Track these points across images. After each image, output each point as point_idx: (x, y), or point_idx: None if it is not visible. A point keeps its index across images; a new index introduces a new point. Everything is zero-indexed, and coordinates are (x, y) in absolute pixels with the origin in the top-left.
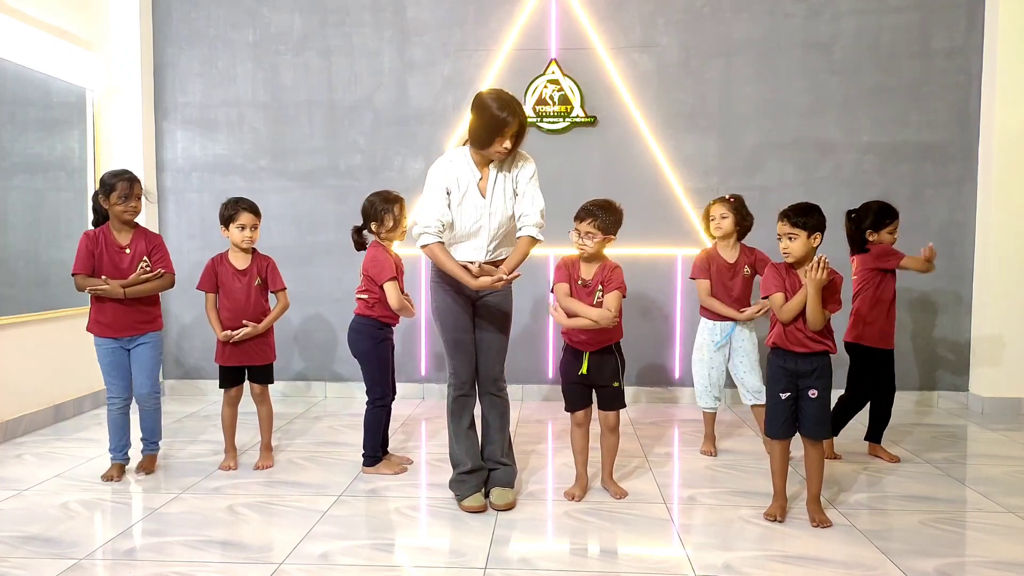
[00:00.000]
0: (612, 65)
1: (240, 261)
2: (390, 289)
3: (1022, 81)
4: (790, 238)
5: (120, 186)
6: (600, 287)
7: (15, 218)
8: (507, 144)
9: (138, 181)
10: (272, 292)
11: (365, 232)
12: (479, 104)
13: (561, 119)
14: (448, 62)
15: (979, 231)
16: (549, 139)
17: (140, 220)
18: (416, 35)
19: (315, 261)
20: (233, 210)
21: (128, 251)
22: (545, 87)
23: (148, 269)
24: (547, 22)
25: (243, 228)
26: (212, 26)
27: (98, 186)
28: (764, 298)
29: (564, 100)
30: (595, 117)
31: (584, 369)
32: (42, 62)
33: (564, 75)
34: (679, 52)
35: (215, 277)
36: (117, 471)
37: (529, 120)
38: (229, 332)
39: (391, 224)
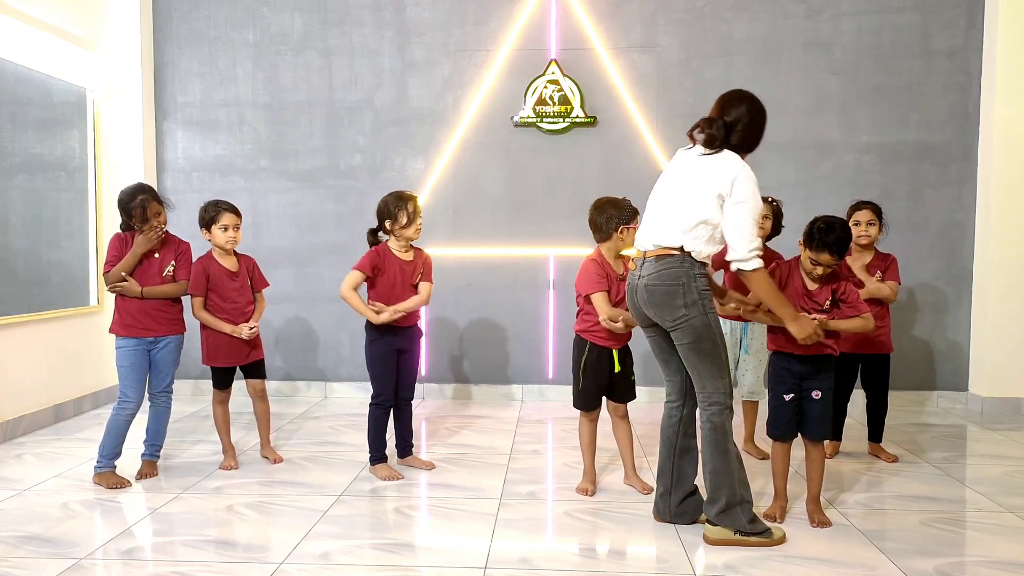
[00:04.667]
0: (612, 65)
1: (230, 263)
2: (347, 279)
3: (1022, 81)
4: (828, 267)
5: (136, 212)
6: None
7: (15, 218)
8: None
9: (152, 199)
10: (255, 292)
11: (380, 233)
12: (760, 106)
13: (561, 119)
14: (448, 62)
15: (979, 231)
16: (549, 139)
17: None
18: (416, 35)
19: (315, 261)
20: (214, 211)
21: (157, 255)
22: (545, 87)
23: (171, 274)
24: (547, 22)
25: (226, 229)
26: (212, 26)
27: (117, 206)
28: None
29: (564, 100)
30: (595, 117)
31: (618, 367)
32: (42, 62)
33: (564, 75)
34: (679, 52)
35: (207, 280)
36: (118, 477)
37: (529, 120)
38: (246, 326)
39: (404, 220)
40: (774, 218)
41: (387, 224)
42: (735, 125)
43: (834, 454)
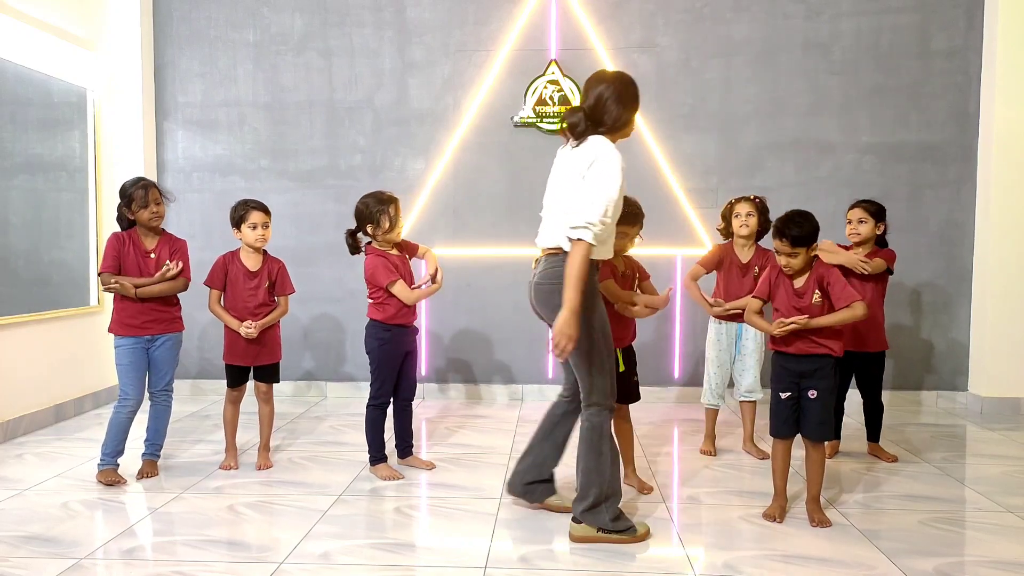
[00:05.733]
0: (612, 66)
1: (252, 263)
2: (399, 290)
3: (1021, 81)
4: (792, 256)
5: (137, 195)
6: (637, 274)
7: (16, 218)
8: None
9: (154, 186)
10: (278, 296)
11: (360, 235)
12: (621, 80)
13: (561, 120)
14: (448, 63)
15: (978, 231)
16: (549, 139)
17: None
18: (416, 35)
19: (315, 261)
20: (243, 210)
21: (153, 255)
22: (545, 87)
23: (170, 272)
24: (547, 23)
25: (255, 227)
26: (212, 26)
27: (119, 196)
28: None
29: (564, 100)
30: None
31: (622, 366)
32: (43, 62)
33: (564, 75)
34: (679, 52)
35: (225, 275)
36: (116, 475)
37: (529, 120)
38: (250, 324)
39: (387, 225)
40: (760, 215)
41: (369, 229)
42: (597, 107)
43: (833, 454)
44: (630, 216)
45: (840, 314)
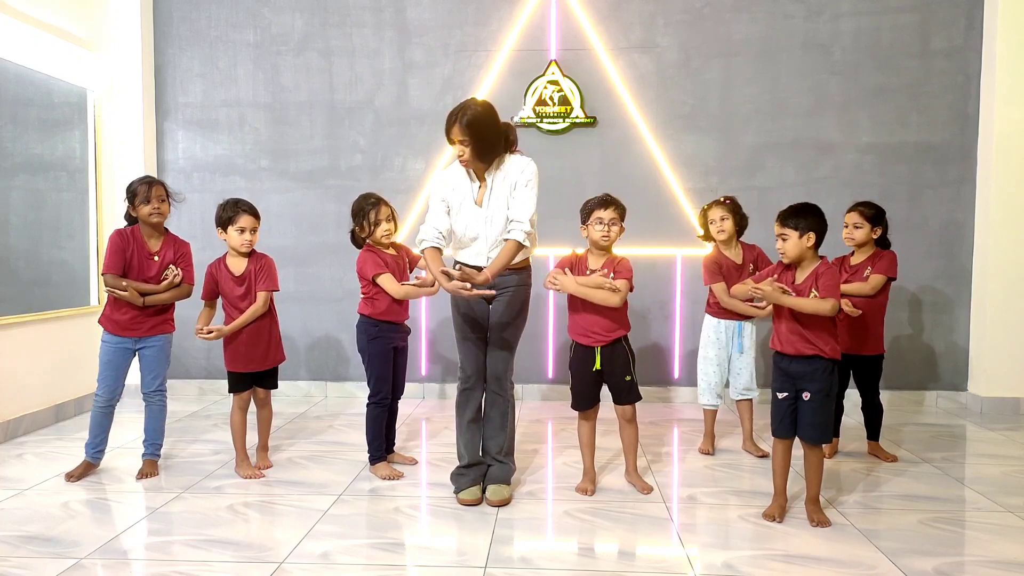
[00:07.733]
0: (612, 66)
1: (237, 266)
2: (384, 282)
3: (1021, 82)
4: (783, 238)
5: (140, 190)
6: (612, 274)
7: (16, 218)
8: (457, 151)
9: (158, 183)
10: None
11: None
12: None
13: (561, 120)
14: (448, 63)
15: (978, 231)
16: (549, 140)
17: None
18: (416, 36)
19: (315, 261)
20: (232, 212)
21: (157, 258)
22: (545, 88)
23: (176, 279)
24: (547, 23)
25: (242, 231)
26: (213, 27)
27: (125, 194)
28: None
29: (564, 101)
30: (595, 118)
31: (598, 364)
32: (43, 62)
33: (564, 76)
34: (679, 53)
35: (215, 285)
36: (84, 468)
37: (529, 121)
38: (210, 329)
39: (367, 231)
40: (733, 215)
41: (356, 229)
42: None
43: (833, 454)
44: (596, 203)
45: (809, 301)
